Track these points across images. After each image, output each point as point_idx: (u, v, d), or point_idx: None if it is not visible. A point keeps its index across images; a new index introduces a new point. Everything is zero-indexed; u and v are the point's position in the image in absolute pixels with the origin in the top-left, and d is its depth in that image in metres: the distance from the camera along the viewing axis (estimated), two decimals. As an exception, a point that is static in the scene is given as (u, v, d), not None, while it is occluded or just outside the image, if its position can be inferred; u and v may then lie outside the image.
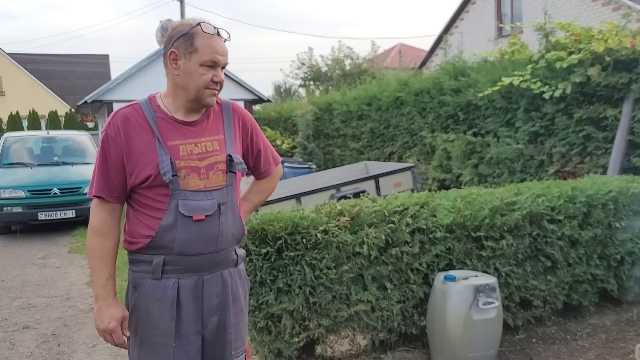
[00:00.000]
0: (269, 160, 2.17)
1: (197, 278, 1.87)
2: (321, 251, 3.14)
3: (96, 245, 1.88)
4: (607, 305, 4.15)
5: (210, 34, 1.85)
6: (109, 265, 1.89)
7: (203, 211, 1.83)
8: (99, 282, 1.87)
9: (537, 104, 6.89)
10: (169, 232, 1.82)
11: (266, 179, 2.21)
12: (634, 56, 5.79)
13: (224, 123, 1.97)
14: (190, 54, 1.83)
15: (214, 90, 1.88)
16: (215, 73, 1.86)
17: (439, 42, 18.67)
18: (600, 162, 6.13)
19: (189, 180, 1.83)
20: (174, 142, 1.85)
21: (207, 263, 1.88)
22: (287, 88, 34.93)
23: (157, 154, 1.81)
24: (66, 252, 7.39)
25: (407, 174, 7.70)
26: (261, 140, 2.12)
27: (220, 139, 1.93)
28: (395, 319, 3.36)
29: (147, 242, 1.84)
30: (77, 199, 8.71)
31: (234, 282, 1.97)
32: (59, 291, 5.48)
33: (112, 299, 1.88)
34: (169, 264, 1.84)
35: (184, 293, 1.86)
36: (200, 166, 1.86)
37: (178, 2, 20.86)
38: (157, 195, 1.83)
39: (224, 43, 1.89)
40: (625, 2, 12.85)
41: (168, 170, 1.79)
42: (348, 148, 11.78)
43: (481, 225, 3.50)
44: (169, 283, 1.85)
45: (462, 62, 9.08)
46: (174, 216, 1.81)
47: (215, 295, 1.91)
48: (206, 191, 1.86)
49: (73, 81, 32.93)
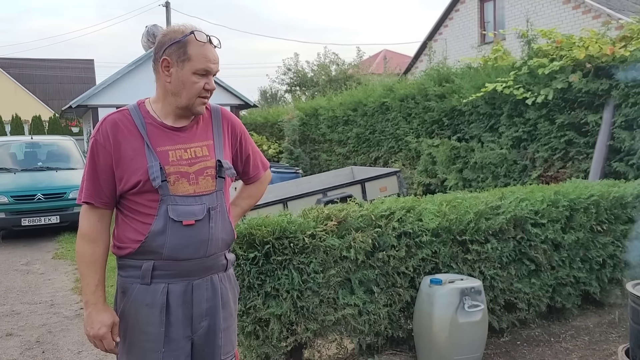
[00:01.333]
0: (258, 165, 2.19)
1: (186, 283, 1.87)
2: (309, 255, 3.16)
3: (86, 251, 1.88)
4: (590, 307, 4.22)
5: (203, 42, 1.86)
6: (98, 271, 1.88)
7: (193, 216, 1.84)
8: (89, 288, 1.87)
9: (520, 109, 7.00)
10: (159, 237, 1.82)
11: (255, 184, 2.22)
12: (614, 63, 5.90)
13: (213, 129, 1.98)
14: (183, 62, 1.84)
15: (205, 98, 1.90)
16: (208, 81, 1.87)
17: (423, 49, 18.84)
18: (582, 167, 6.23)
19: (178, 185, 1.84)
20: (163, 148, 1.86)
21: (197, 268, 1.89)
22: (273, 93, 34.93)
23: (147, 160, 1.82)
24: (50, 258, 7.31)
25: (392, 179, 7.76)
26: (250, 146, 2.13)
27: (210, 145, 1.94)
28: (382, 322, 3.39)
29: (136, 247, 1.84)
30: (61, 204, 8.63)
31: (223, 286, 1.98)
32: (43, 298, 5.43)
33: (102, 305, 1.87)
34: (159, 269, 1.85)
35: (174, 298, 1.86)
36: (189, 171, 1.86)
37: (164, 7, 20.80)
38: (146, 200, 1.84)
39: (215, 50, 1.91)
40: (604, 10, 13.09)
41: (157, 176, 1.80)
42: (334, 153, 11.83)
43: (466, 229, 3.55)
44: (158, 288, 1.85)
45: (446, 69, 9.18)
46: (163, 221, 1.82)
47: (205, 300, 1.91)
48: (196, 196, 1.86)
49: (57, 86, 32.64)
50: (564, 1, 14.25)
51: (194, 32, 1.86)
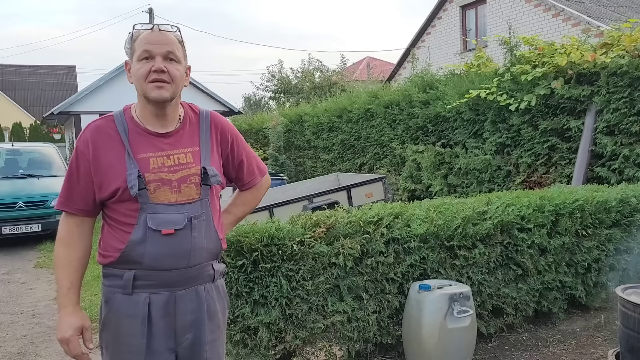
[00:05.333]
0: (253, 170, 2.12)
1: (169, 294, 1.82)
2: (297, 262, 3.14)
3: (60, 255, 1.85)
4: (575, 311, 4.25)
5: (145, 30, 1.82)
6: (71, 274, 1.84)
7: (172, 225, 1.78)
8: (61, 291, 1.84)
9: (504, 115, 7.07)
10: (138, 247, 1.77)
11: (250, 190, 2.16)
12: (595, 70, 6.00)
13: (200, 134, 1.92)
14: (132, 56, 1.83)
15: (158, 82, 1.78)
16: (154, 63, 1.78)
17: (406, 56, 18.98)
18: (565, 172, 6.31)
19: (159, 193, 1.79)
20: (145, 155, 1.80)
21: (180, 278, 1.83)
22: (257, 100, 34.90)
23: (126, 167, 1.77)
24: (32, 267, 7.18)
25: (378, 185, 7.78)
26: (243, 151, 2.06)
27: (195, 151, 1.88)
28: (371, 329, 3.38)
29: (117, 256, 1.80)
30: (43, 212, 8.50)
31: (210, 297, 1.92)
32: (24, 307, 5.32)
33: (72, 308, 1.83)
34: (140, 279, 1.80)
35: (155, 309, 1.81)
36: (172, 179, 1.81)
37: (147, 14, 20.67)
38: (126, 209, 1.79)
39: (167, 34, 1.83)
40: (583, 18, 13.32)
41: (135, 184, 1.74)
42: (319, 159, 11.83)
43: (454, 235, 3.56)
44: (139, 298, 1.80)
45: (430, 75, 9.26)
46: (143, 230, 1.77)
47: (190, 312, 1.86)
48: (177, 204, 1.81)
49: (38, 92, 32.24)
50: (544, 9, 14.47)
51: (135, 24, 1.83)
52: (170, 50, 1.80)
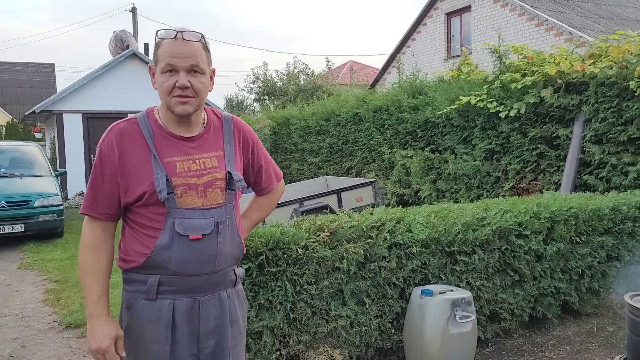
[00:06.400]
0: (271, 176, 2.13)
1: (193, 299, 1.81)
2: (302, 267, 3.14)
3: (88, 261, 1.80)
4: (568, 317, 4.32)
5: (168, 39, 1.76)
6: (101, 282, 1.81)
7: (200, 230, 1.78)
8: (91, 300, 1.79)
9: (493, 122, 7.16)
10: (165, 252, 1.76)
11: (267, 195, 2.17)
12: (584, 79, 6.12)
13: (224, 138, 1.92)
14: (157, 64, 1.80)
15: (180, 98, 1.76)
16: (177, 78, 1.75)
17: (391, 61, 19.12)
18: (553, 179, 6.41)
19: (186, 198, 1.78)
20: (171, 159, 1.79)
21: (204, 284, 1.82)
22: (239, 102, 34.77)
23: (153, 171, 1.76)
24: (16, 268, 7.03)
25: (368, 189, 7.81)
26: (262, 156, 2.07)
27: (220, 156, 1.87)
28: (372, 333, 3.40)
29: (142, 261, 1.78)
30: (26, 212, 8.33)
31: (232, 303, 1.92)
32: (12, 310, 5.21)
33: (105, 317, 1.80)
34: (164, 285, 1.79)
35: (179, 315, 1.80)
36: (198, 183, 1.80)
37: (130, 12, 20.46)
38: (152, 214, 1.77)
39: (191, 44, 1.76)
40: (566, 28, 13.58)
41: (163, 189, 1.73)
42: (306, 163, 11.83)
43: (455, 240, 3.60)
44: (163, 304, 1.79)
45: (419, 81, 9.34)
46: (170, 235, 1.76)
47: (213, 318, 1.85)
48: (204, 209, 1.80)
49: (15, 90, 31.66)
50: (527, 18, 14.72)
51: (158, 31, 1.77)
52: (194, 63, 1.77)
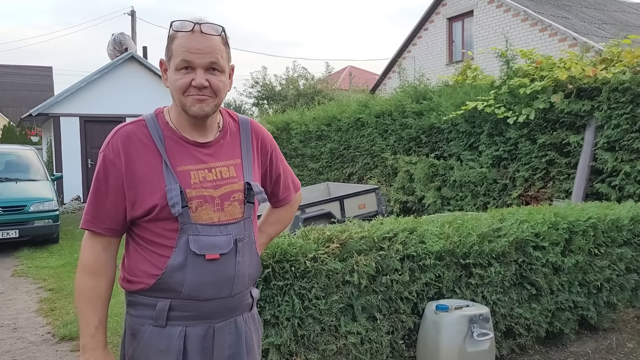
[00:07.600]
0: (289, 185, 1.92)
1: (207, 326, 1.60)
2: (310, 280, 2.95)
3: (87, 286, 1.59)
4: (585, 332, 4.14)
5: (184, 32, 1.54)
6: (99, 310, 1.60)
7: (217, 249, 1.57)
8: (87, 330, 1.58)
9: (501, 128, 7.00)
10: (178, 273, 1.54)
11: (284, 207, 1.95)
12: (596, 85, 5.96)
13: (241, 145, 1.70)
14: (170, 59, 1.58)
15: (197, 96, 1.55)
16: (194, 76, 1.54)
17: (392, 66, 18.99)
18: (563, 187, 6.24)
19: (201, 212, 1.56)
20: (184, 167, 1.58)
21: (220, 309, 1.62)
22: (237, 106, 34.59)
23: (165, 181, 1.54)
24: (9, 275, 6.81)
25: (371, 196, 7.63)
26: (281, 164, 1.86)
27: (237, 164, 1.66)
28: (384, 351, 3.20)
29: (151, 282, 1.56)
30: (21, 217, 8.12)
31: (248, 329, 1.70)
32: (4, 320, 5.00)
33: (102, 352, 1.60)
34: (176, 310, 1.57)
35: (192, 344, 1.58)
36: (214, 195, 1.59)
37: (129, 16, 20.30)
38: (163, 229, 1.56)
39: (210, 39, 1.55)
40: (570, 34, 13.46)
41: (177, 202, 1.51)
42: (307, 168, 11.64)
43: (470, 252, 3.41)
44: (174, 332, 1.57)
45: (423, 86, 9.17)
46: (183, 255, 1.54)
47: (228, 347, 1.64)
48: (220, 225, 1.59)
49: (12, 93, 31.45)
50: (531, 24, 14.60)
51: (173, 22, 1.56)
52: (213, 60, 1.55)
